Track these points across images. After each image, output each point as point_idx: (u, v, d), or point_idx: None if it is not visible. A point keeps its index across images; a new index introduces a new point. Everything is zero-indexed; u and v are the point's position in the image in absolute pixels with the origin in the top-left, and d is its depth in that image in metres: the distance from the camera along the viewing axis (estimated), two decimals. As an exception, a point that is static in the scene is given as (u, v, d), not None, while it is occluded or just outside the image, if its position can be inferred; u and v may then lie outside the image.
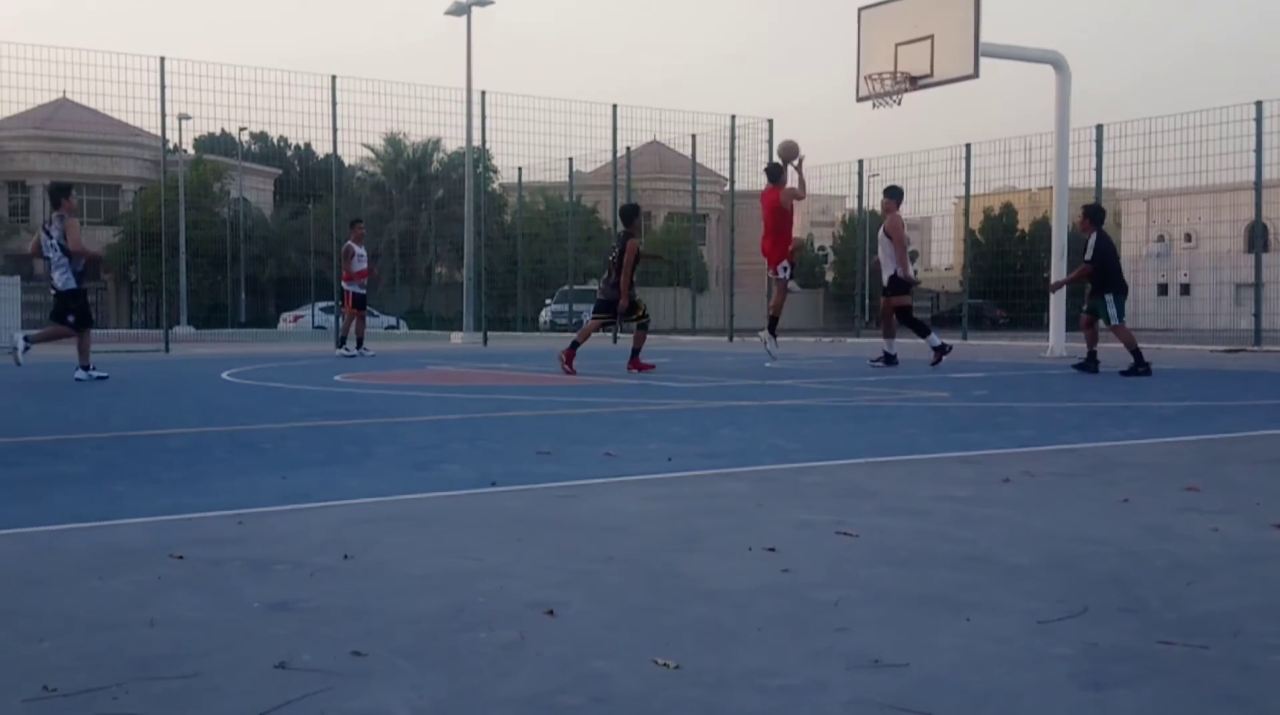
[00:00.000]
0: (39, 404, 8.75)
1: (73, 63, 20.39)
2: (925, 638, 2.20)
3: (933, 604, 2.45)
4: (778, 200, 12.67)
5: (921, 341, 12.76)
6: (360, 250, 16.27)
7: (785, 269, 12.87)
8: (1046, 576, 2.71)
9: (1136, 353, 10.97)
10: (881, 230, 12.87)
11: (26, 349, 11.60)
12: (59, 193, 11.59)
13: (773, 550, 2.98)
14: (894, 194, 13.12)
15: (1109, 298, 11.26)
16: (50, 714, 1.80)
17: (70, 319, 11.16)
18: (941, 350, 12.28)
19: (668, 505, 3.76)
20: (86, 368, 10.97)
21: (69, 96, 29.20)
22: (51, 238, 11.16)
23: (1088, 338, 11.75)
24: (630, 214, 12.36)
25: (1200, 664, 2.04)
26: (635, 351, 12.18)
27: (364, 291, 16.44)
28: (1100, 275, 11.32)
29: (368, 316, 17.82)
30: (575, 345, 11.76)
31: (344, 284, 16.54)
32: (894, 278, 12.42)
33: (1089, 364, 11.51)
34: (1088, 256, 11.34)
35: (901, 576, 2.72)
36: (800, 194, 12.84)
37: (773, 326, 13.10)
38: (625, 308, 11.90)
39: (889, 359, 12.50)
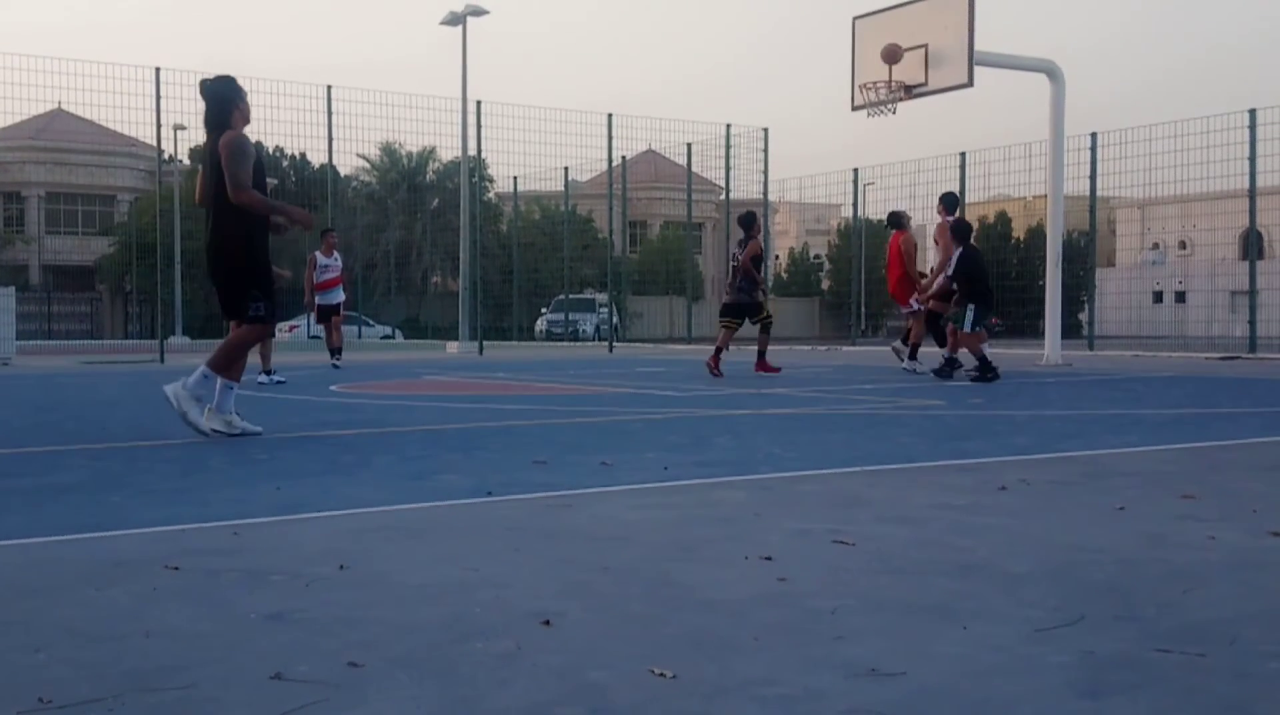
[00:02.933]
0: (35, 415, 8.73)
1: (68, 73, 20.47)
2: (922, 646, 2.20)
3: (930, 612, 2.45)
4: (899, 245, 13.41)
5: (938, 349, 12.83)
6: (327, 260, 15.57)
7: (916, 302, 13.46)
8: (1043, 585, 2.71)
9: (983, 359, 11.56)
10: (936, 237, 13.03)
11: (271, 375, 12.35)
12: None
13: (769, 559, 2.97)
14: (943, 201, 13.05)
15: (970, 307, 11.80)
16: (46, 726, 1.80)
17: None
18: (952, 364, 12.22)
19: (664, 514, 3.76)
20: (269, 372, 12.21)
21: (64, 107, 29.23)
22: None
23: (950, 344, 12.28)
24: (749, 221, 12.80)
25: (1197, 671, 2.04)
26: (761, 354, 12.81)
27: (333, 301, 15.62)
28: (966, 286, 11.85)
29: (362, 326, 17.64)
30: (719, 351, 12.57)
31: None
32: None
33: (945, 369, 11.98)
34: (949, 271, 11.99)
35: (898, 585, 2.72)
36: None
37: (914, 352, 13.59)
38: (754, 307, 12.65)
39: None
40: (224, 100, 6.45)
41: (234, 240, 6.42)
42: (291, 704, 1.87)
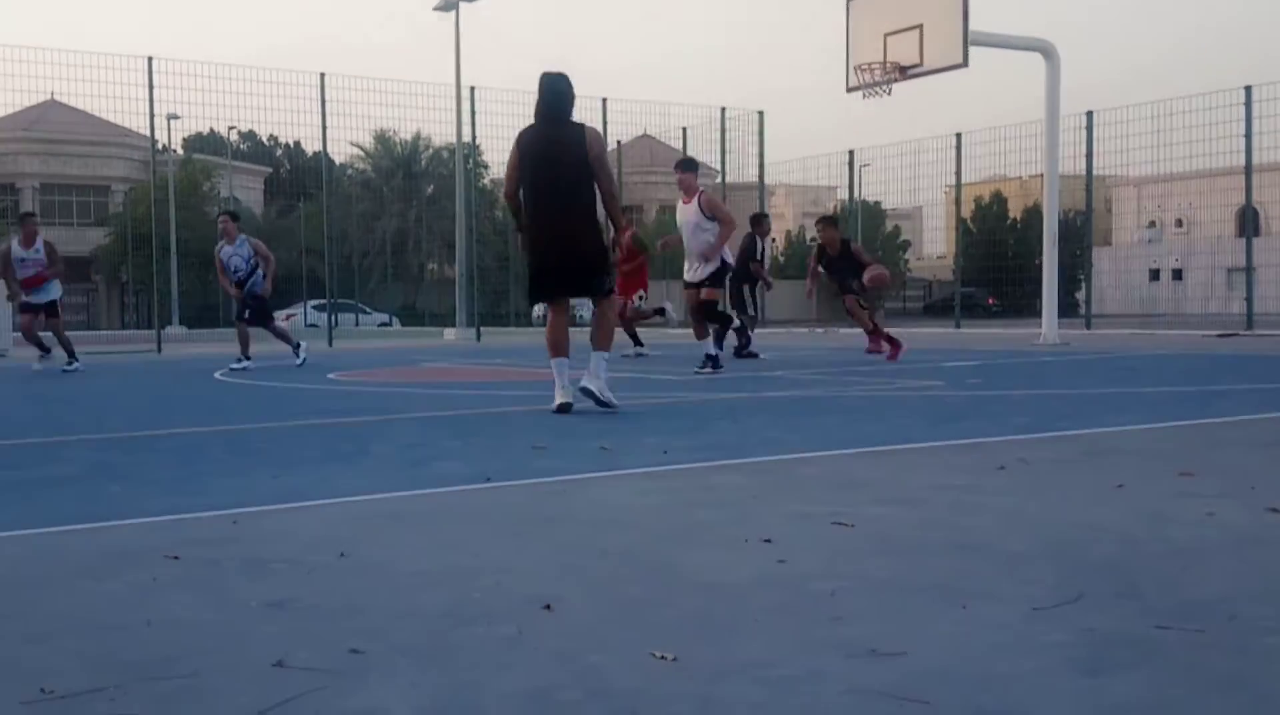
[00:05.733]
0: (33, 406, 8.73)
1: (60, 64, 20.34)
2: (922, 626, 2.20)
3: (929, 593, 2.46)
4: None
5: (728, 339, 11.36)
6: (24, 252, 13.27)
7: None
8: (1042, 563, 2.72)
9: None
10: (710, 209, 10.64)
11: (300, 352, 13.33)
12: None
13: (769, 541, 2.98)
14: (689, 167, 10.96)
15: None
16: (48, 716, 1.80)
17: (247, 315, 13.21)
18: (714, 362, 10.50)
19: (663, 498, 3.77)
20: (297, 348, 13.28)
21: (57, 98, 29.12)
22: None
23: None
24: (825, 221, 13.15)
25: (1196, 648, 2.05)
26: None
27: (43, 298, 13.36)
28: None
29: (359, 314, 17.55)
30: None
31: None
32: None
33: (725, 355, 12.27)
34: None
35: (898, 566, 2.72)
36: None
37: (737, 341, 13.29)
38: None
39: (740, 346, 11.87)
40: (566, 96, 6.78)
41: (595, 225, 6.89)
42: (293, 691, 1.88)
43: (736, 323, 11.97)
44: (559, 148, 6.70)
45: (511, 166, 6.89)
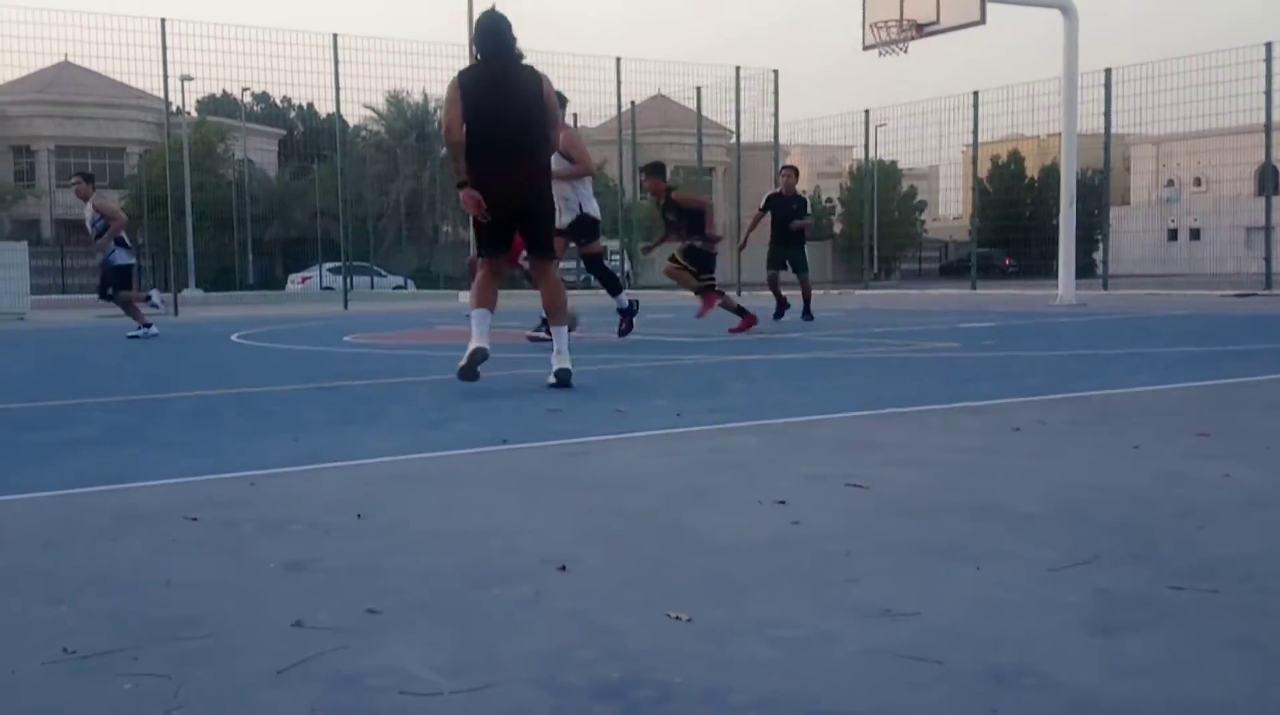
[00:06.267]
0: (51, 369, 8.78)
1: (74, 25, 20.38)
2: (936, 587, 2.21)
3: (943, 554, 2.46)
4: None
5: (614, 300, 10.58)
6: None
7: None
8: (1057, 524, 2.72)
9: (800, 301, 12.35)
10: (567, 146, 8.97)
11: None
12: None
13: (783, 503, 2.99)
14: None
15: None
16: (69, 676, 1.82)
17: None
18: (630, 313, 10.23)
19: (678, 460, 3.77)
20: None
21: (71, 59, 29.10)
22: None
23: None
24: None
25: (1211, 608, 2.05)
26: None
27: None
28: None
29: (374, 277, 17.59)
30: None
31: None
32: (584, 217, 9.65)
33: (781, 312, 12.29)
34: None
35: (912, 527, 2.73)
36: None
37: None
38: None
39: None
40: (509, 35, 6.09)
41: (550, 174, 6.27)
42: (312, 650, 1.89)
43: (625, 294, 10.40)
44: (514, 88, 6.04)
45: (451, 103, 6.03)
